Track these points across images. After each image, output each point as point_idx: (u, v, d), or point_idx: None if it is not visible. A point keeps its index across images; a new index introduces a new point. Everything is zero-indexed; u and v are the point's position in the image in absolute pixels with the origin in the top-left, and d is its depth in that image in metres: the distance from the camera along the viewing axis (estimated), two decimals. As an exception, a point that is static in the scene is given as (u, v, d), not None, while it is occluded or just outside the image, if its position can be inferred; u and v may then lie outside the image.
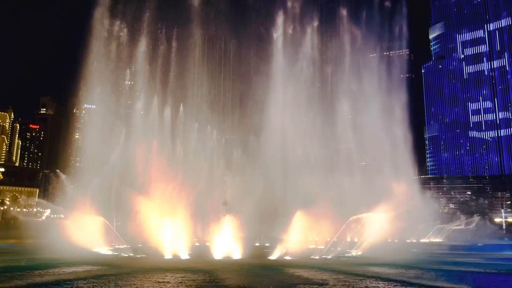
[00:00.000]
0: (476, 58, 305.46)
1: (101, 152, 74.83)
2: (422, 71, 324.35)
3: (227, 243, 50.89)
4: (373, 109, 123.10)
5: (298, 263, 44.71)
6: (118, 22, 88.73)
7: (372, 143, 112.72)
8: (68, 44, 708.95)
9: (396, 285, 30.06)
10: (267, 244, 70.41)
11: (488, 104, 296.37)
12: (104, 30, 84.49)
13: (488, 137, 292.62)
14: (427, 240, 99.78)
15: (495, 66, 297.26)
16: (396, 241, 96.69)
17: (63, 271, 36.54)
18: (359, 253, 55.70)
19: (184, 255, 47.89)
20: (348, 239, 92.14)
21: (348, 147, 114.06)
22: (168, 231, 56.51)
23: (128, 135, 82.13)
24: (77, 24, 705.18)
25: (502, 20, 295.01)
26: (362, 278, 33.22)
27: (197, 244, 69.66)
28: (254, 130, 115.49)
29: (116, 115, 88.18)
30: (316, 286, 29.58)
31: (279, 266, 41.92)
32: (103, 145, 75.49)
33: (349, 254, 54.36)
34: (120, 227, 68.74)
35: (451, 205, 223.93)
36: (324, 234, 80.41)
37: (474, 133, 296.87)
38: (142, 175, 68.81)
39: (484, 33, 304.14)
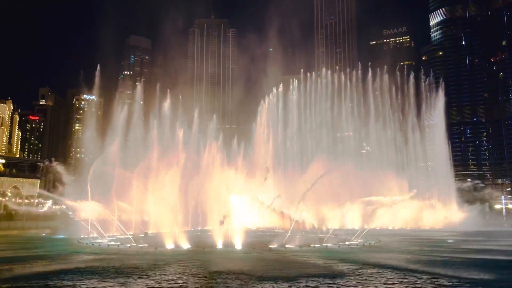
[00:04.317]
0: (477, 45, 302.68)
1: (101, 142, 74.99)
2: (423, 58, 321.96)
3: (229, 233, 51.23)
4: (373, 98, 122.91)
5: (299, 252, 44.97)
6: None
7: (372, 132, 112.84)
8: (66, 35, 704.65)
9: (403, 274, 30.18)
10: (268, 234, 71.03)
11: (489, 91, 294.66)
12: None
13: (488, 124, 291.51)
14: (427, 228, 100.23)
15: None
16: (395, 228, 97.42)
17: (58, 262, 36.11)
18: (359, 241, 55.89)
19: (186, 244, 48.08)
20: (349, 227, 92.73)
21: (348, 135, 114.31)
22: (169, 220, 56.79)
23: (127, 125, 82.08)
24: (75, 14, 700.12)
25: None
26: (364, 266, 33.34)
27: (199, 233, 70.01)
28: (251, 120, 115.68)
29: (116, 105, 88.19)
30: (318, 277, 29.66)
31: (281, 255, 42.15)
32: (103, 135, 75.53)
33: (349, 242, 54.52)
34: (122, 217, 69.06)
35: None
36: (324, 222, 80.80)
37: (475, 120, 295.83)
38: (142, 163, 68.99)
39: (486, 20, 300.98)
